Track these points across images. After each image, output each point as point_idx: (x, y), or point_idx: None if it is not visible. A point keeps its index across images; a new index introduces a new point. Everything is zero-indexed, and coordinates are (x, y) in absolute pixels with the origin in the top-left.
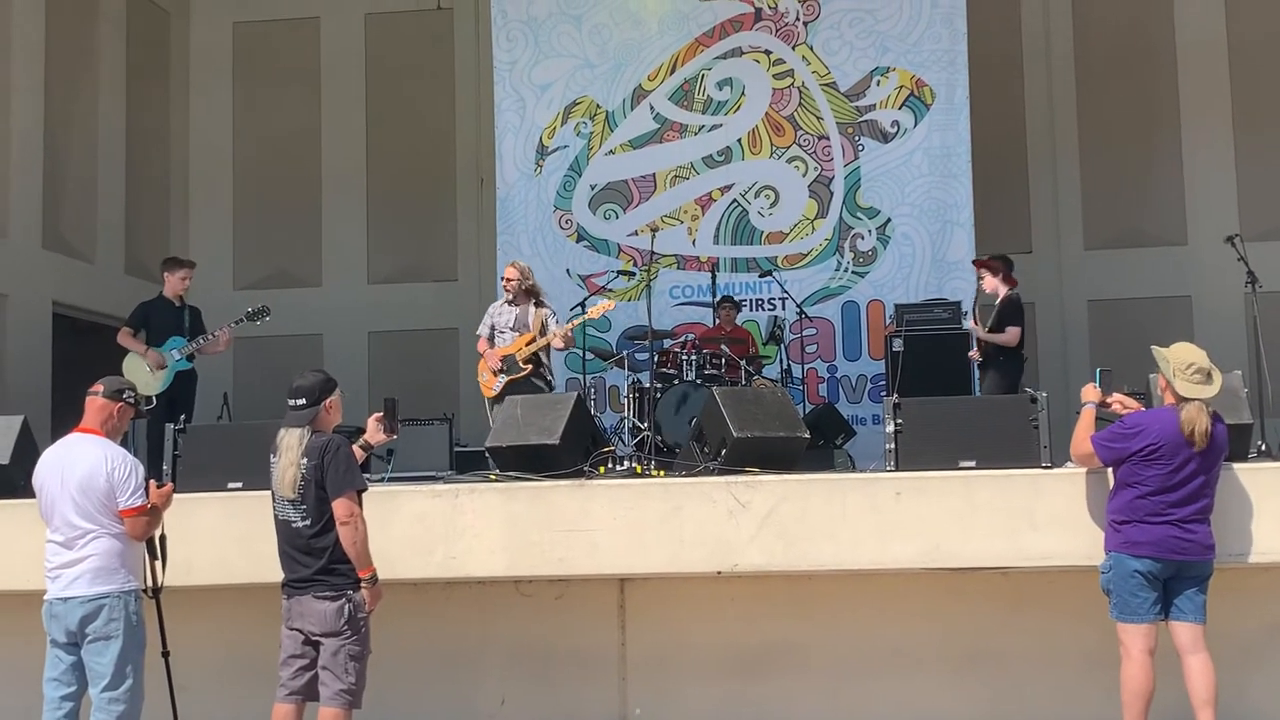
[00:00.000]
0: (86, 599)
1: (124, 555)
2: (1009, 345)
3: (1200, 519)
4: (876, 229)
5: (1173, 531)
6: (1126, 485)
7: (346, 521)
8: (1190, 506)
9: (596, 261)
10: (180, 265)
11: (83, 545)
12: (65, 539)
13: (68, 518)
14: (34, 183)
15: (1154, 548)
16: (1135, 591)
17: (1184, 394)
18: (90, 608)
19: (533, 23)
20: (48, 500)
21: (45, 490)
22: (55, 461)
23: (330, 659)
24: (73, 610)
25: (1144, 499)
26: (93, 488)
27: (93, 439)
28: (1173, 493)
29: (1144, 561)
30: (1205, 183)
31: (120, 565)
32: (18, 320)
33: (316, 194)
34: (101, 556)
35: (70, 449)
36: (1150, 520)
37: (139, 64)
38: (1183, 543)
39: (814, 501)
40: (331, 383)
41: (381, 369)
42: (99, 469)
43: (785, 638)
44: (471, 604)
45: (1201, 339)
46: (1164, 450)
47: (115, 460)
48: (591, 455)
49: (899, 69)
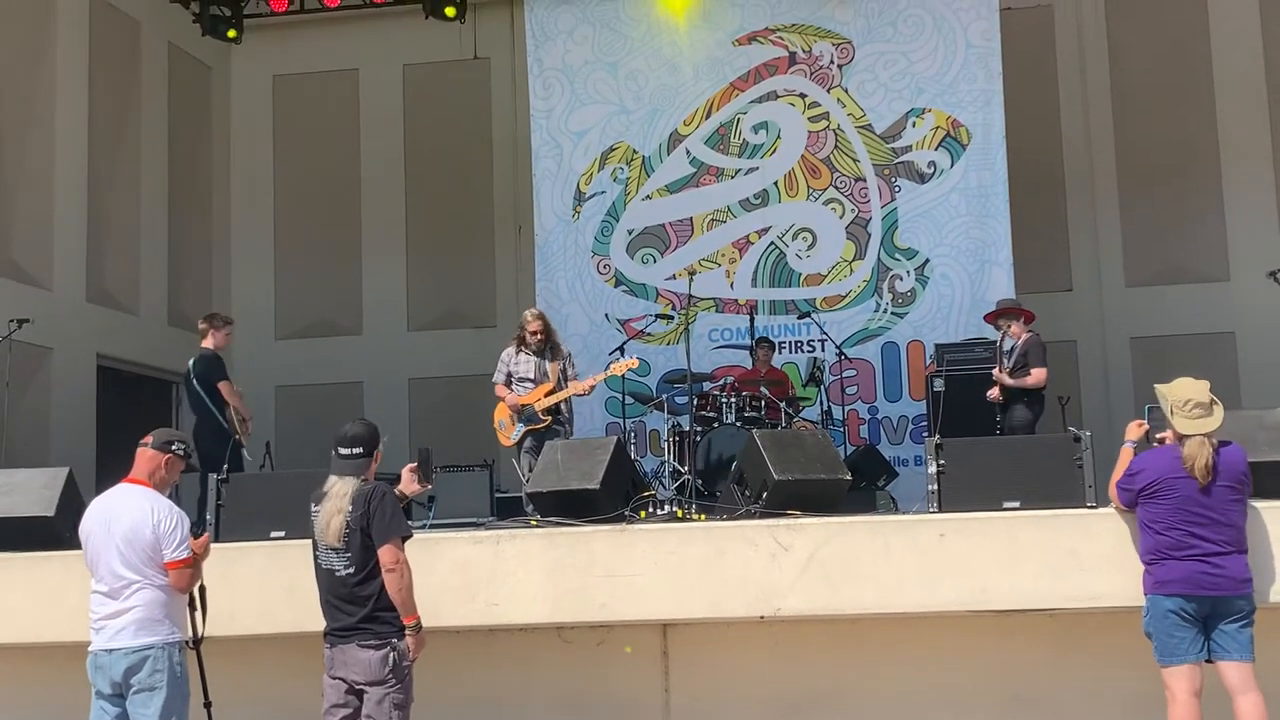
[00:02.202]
0: (131, 650)
1: (168, 606)
2: (1039, 387)
3: (1228, 551)
4: (915, 269)
5: (1200, 567)
6: (1145, 526)
7: (393, 568)
8: (1213, 541)
9: (635, 306)
10: (228, 321)
11: (128, 596)
12: (110, 589)
13: (113, 568)
14: (78, 236)
15: (1183, 585)
16: (1172, 632)
17: (1182, 430)
18: (135, 659)
19: (568, 70)
20: (93, 550)
21: (91, 540)
22: (102, 512)
23: (375, 707)
24: (118, 661)
25: (1162, 535)
26: (139, 539)
27: (140, 490)
28: (1188, 525)
29: (1175, 600)
30: (1246, 217)
31: (164, 616)
32: (63, 372)
33: (356, 243)
34: (146, 607)
35: (117, 500)
36: (1175, 556)
37: (181, 117)
38: (1211, 578)
39: (857, 544)
40: (379, 433)
41: (421, 415)
42: (145, 520)
43: (829, 682)
44: (514, 651)
45: (1245, 375)
46: (1162, 487)
47: (161, 512)
48: (632, 500)
49: (934, 110)
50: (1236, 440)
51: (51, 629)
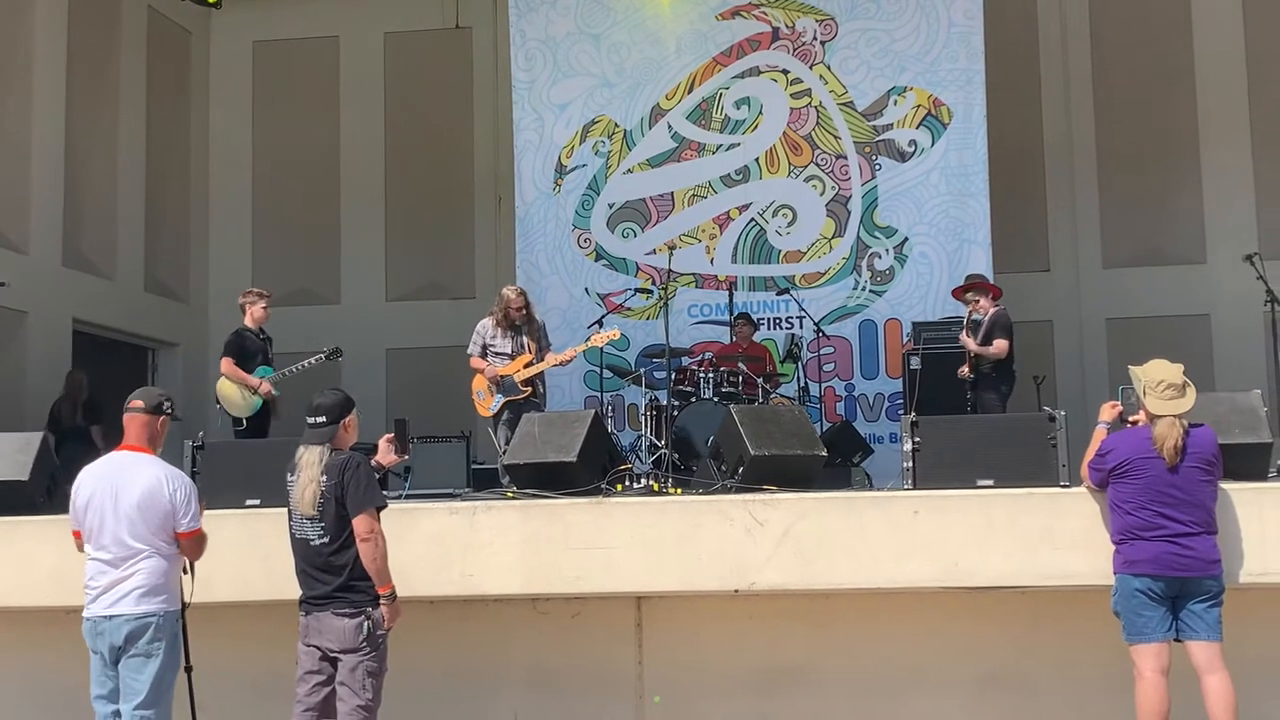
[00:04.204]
0: (134, 617)
1: (168, 575)
2: (999, 358)
3: (1196, 532)
4: (894, 248)
5: (1169, 548)
6: (1115, 506)
7: (367, 538)
8: (1182, 521)
9: (615, 280)
10: (264, 296)
11: (132, 565)
12: (114, 558)
13: (120, 537)
14: (54, 200)
15: (1152, 565)
16: (1139, 611)
17: (1154, 410)
18: (136, 625)
19: (551, 42)
20: (95, 519)
21: (92, 509)
22: (105, 480)
23: (348, 675)
24: (119, 628)
25: (1131, 515)
26: (153, 509)
27: (147, 459)
28: (1156, 505)
29: (1143, 580)
30: (1224, 201)
31: (165, 585)
32: (38, 337)
33: (335, 212)
34: (149, 575)
35: (123, 468)
36: (1144, 537)
37: (159, 82)
38: (1180, 558)
39: (831, 520)
40: (350, 402)
41: (399, 386)
42: (160, 490)
43: (802, 656)
44: (488, 622)
45: (1219, 357)
46: (1132, 467)
47: (175, 482)
48: (609, 473)
49: (916, 88)
50: (1209, 423)
51: (24, 594)
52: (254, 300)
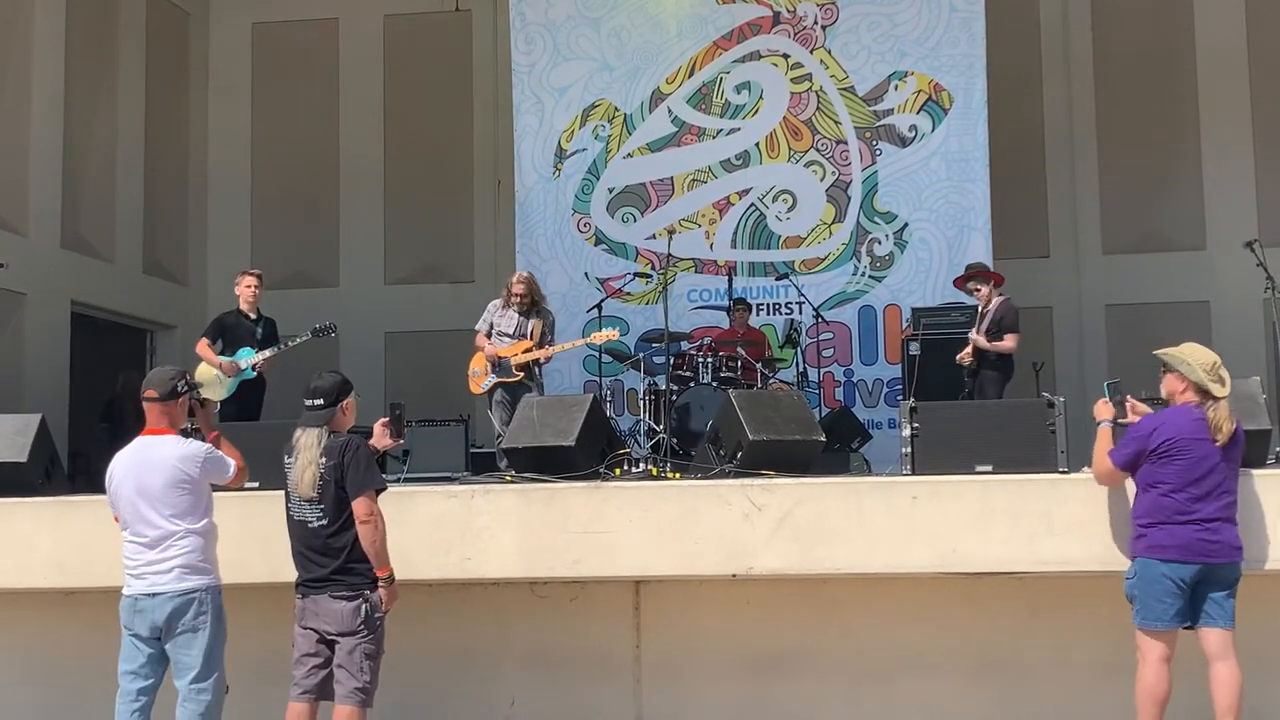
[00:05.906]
0: (177, 594)
1: (206, 551)
2: (1011, 352)
3: (1224, 518)
4: (894, 233)
5: (1199, 533)
6: (1149, 487)
7: (367, 520)
8: (1214, 505)
9: (614, 264)
10: (243, 275)
11: (168, 545)
12: (150, 540)
13: (153, 521)
14: (53, 182)
15: (1182, 551)
16: (1161, 597)
17: (1217, 394)
18: (180, 602)
19: (551, 25)
20: (127, 507)
21: (123, 496)
22: (133, 468)
23: (345, 657)
24: (161, 605)
25: (1167, 497)
26: (178, 490)
27: (169, 441)
28: (1194, 488)
29: (1172, 566)
30: (1224, 187)
31: (204, 560)
32: (36, 319)
33: (334, 194)
34: (188, 554)
35: (146, 454)
36: (1176, 521)
37: (158, 64)
38: (1209, 544)
39: (830, 505)
40: (348, 385)
41: (397, 370)
42: (180, 474)
43: (800, 641)
44: (486, 605)
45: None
46: (1180, 446)
47: (197, 456)
48: (607, 457)
49: (917, 73)
50: None
51: (23, 575)
52: (238, 280)
